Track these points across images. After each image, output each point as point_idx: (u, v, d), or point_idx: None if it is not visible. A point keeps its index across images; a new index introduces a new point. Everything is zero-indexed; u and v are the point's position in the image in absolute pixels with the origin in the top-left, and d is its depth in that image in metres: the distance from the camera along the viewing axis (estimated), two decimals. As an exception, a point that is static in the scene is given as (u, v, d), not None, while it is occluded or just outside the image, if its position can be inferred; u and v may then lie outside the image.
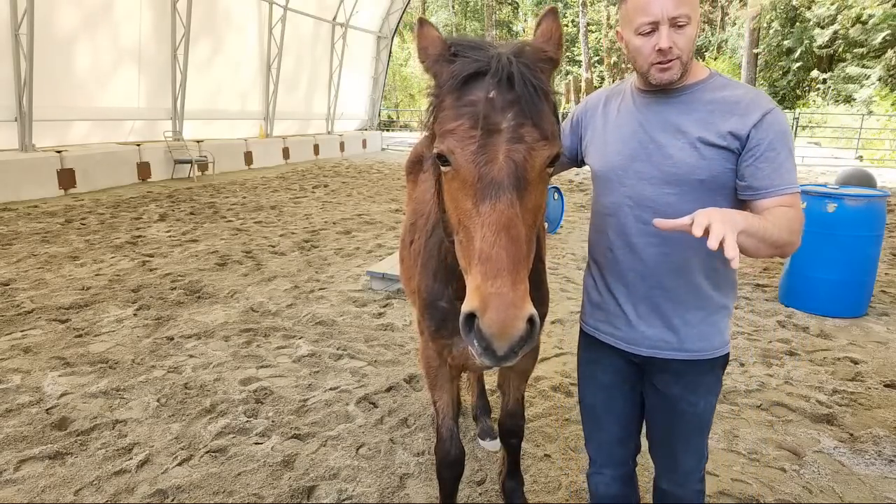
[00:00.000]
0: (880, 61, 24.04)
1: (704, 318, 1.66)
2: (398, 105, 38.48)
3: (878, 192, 4.90)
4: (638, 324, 1.70)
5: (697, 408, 1.72)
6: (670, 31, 1.50)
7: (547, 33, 1.41)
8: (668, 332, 1.67)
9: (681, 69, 1.55)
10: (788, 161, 1.52)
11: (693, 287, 1.64)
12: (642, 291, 1.68)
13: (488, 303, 1.15)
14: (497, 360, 1.18)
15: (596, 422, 1.90)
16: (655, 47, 1.51)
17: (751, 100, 1.54)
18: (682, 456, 1.80)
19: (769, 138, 1.50)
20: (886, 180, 13.29)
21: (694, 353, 1.67)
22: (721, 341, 1.69)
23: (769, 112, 1.51)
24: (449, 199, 1.36)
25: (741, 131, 1.51)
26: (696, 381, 1.70)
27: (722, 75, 1.63)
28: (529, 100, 1.25)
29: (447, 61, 1.36)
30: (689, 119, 1.57)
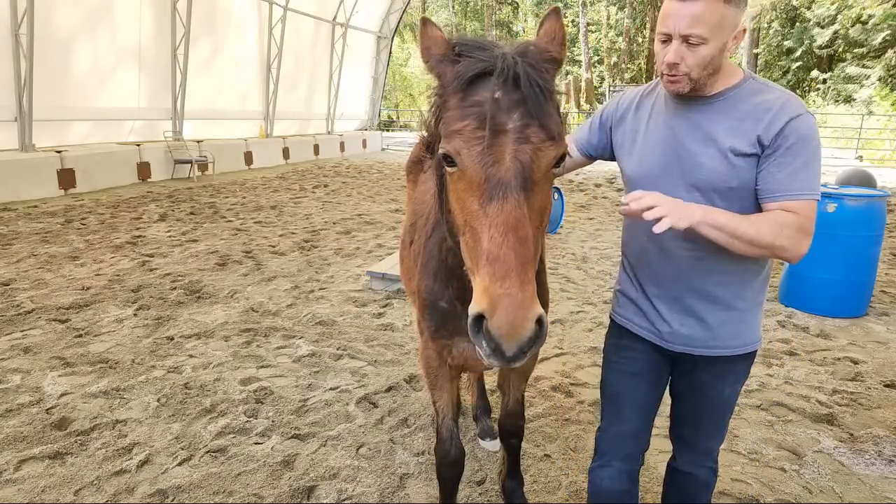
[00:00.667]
0: (880, 61, 24.05)
1: (737, 316, 1.70)
2: (398, 105, 38.48)
3: (878, 192, 4.90)
4: (672, 322, 1.75)
5: (724, 394, 1.80)
6: (681, 47, 1.51)
7: (550, 33, 1.41)
8: (701, 331, 1.72)
9: (689, 85, 1.56)
10: (807, 168, 1.51)
11: (725, 288, 1.68)
12: (675, 292, 1.73)
13: (497, 304, 1.15)
14: (506, 361, 1.18)
15: (617, 411, 1.88)
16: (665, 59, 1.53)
17: (781, 106, 1.53)
18: (703, 436, 1.88)
19: (788, 143, 1.51)
20: (886, 180, 13.28)
21: (726, 349, 1.72)
22: (754, 337, 1.74)
23: (795, 118, 1.51)
24: (455, 200, 1.36)
25: (766, 138, 1.52)
26: (726, 370, 1.77)
27: (757, 78, 1.62)
28: (535, 100, 1.25)
29: (451, 61, 1.35)
30: (720, 128, 1.58)
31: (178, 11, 13.00)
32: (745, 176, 1.56)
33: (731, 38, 1.53)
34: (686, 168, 1.62)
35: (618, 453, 1.87)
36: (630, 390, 1.86)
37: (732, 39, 1.54)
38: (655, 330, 1.79)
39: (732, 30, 1.52)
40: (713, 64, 1.54)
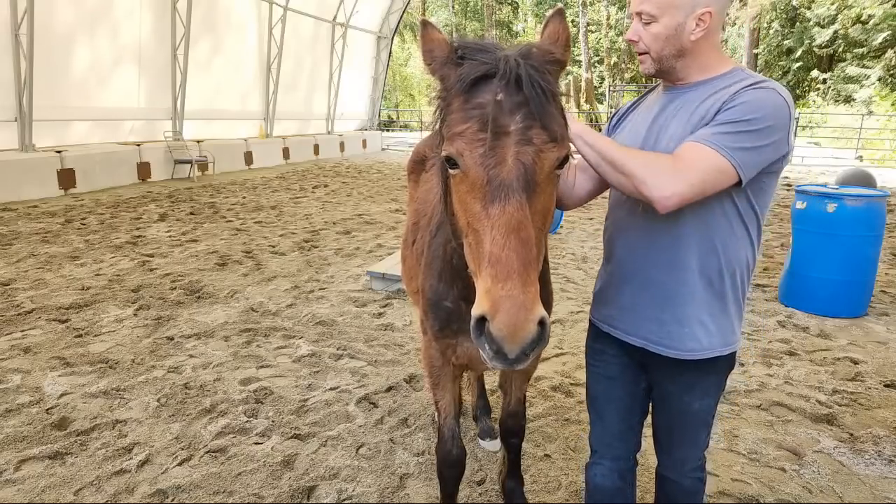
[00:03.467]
0: (880, 61, 24.05)
1: (696, 316, 1.61)
2: (398, 105, 38.48)
3: (878, 192, 4.90)
4: (632, 314, 1.71)
5: (692, 407, 1.72)
6: (638, 25, 1.55)
7: (554, 34, 1.41)
8: (658, 327, 1.65)
9: (654, 64, 1.56)
10: (729, 126, 1.41)
11: (685, 284, 1.60)
12: (637, 283, 1.68)
13: (499, 306, 1.15)
14: (508, 363, 1.18)
15: (598, 413, 1.91)
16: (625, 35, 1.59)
17: (751, 83, 1.47)
18: (676, 447, 1.82)
19: (731, 105, 1.44)
20: (886, 180, 13.28)
21: (683, 352, 1.63)
22: (714, 343, 1.63)
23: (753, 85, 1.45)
24: (457, 202, 1.36)
25: (720, 106, 1.47)
26: (692, 383, 1.69)
27: (745, 70, 1.57)
28: (538, 102, 1.25)
29: (454, 64, 1.35)
30: (690, 115, 1.56)
31: (178, 11, 13.00)
32: None
33: (693, 18, 1.49)
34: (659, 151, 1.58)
35: (606, 453, 1.90)
36: (607, 394, 1.87)
37: (696, 21, 1.49)
38: (617, 323, 1.75)
39: (689, 10, 1.48)
40: (671, 44, 1.52)
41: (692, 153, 1.42)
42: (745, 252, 1.61)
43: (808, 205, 4.86)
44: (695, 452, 1.81)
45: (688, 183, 1.40)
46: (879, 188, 7.88)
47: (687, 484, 1.82)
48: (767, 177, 1.54)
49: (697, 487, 1.84)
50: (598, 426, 1.92)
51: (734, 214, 1.56)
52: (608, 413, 1.88)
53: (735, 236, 1.58)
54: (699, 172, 1.40)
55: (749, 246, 1.62)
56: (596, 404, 1.91)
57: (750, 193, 1.55)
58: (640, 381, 1.82)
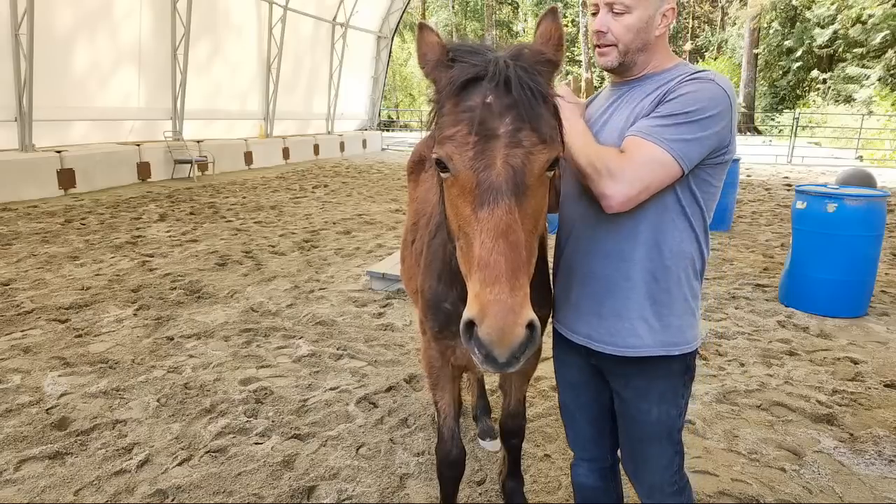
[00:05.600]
0: (880, 61, 24.07)
1: (638, 311, 1.58)
2: (398, 105, 38.49)
3: (878, 192, 4.90)
4: (575, 309, 1.69)
5: (650, 416, 1.64)
6: (607, 16, 1.53)
7: (546, 35, 1.40)
8: (599, 321, 1.63)
9: (619, 58, 1.56)
10: (669, 119, 1.42)
11: (625, 277, 1.58)
12: (578, 277, 1.67)
13: (487, 310, 1.15)
14: (499, 367, 1.17)
15: (569, 418, 1.91)
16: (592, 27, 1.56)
17: (689, 73, 1.49)
18: (641, 468, 1.73)
19: (670, 97, 1.45)
20: (886, 180, 13.28)
21: (623, 348, 1.60)
22: (658, 341, 1.58)
23: (693, 79, 1.46)
24: (449, 206, 1.36)
25: (659, 97, 1.48)
26: (647, 387, 1.64)
27: (688, 65, 1.60)
28: (527, 103, 1.25)
29: (446, 67, 1.35)
30: (633, 105, 1.56)
31: (177, 11, 13.00)
32: None
33: (659, 14, 1.52)
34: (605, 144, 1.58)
35: (584, 454, 1.92)
36: (573, 400, 1.87)
37: (661, 16, 1.53)
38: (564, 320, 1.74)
39: (658, 5, 1.51)
40: (640, 37, 1.53)
41: (632, 148, 1.43)
42: (688, 246, 1.58)
43: (809, 205, 4.86)
44: (665, 475, 1.70)
45: (627, 180, 1.41)
46: (879, 188, 7.88)
47: None
48: (712, 168, 1.54)
49: None
50: (571, 431, 1.93)
51: (676, 207, 1.55)
52: (578, 419, 1.88)
53: (677, 229, 1.56)
54: (640, 168, 1.42)
55: (693, 240, 1.58)
56: (566, 411, 1.92)
57: (693, 185, 1.53)
58: (603, 389, 1.78)
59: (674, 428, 1.69)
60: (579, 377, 1.81)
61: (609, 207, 1.44)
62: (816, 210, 4.78)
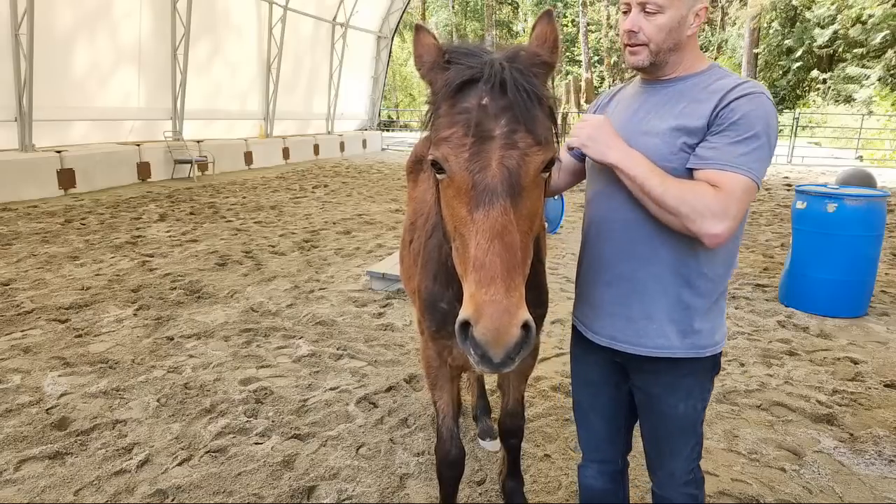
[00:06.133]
0: (880, 61, 24.07)
1: (668, 314, 1.58)
2: (398, 105, 38.50)
3: (878, 192, 4.90)
4: (601, 311, 1.69)
5: (677, 410, 1.67)
6: (639, 16, 1.53)
7: (542, 37, 1.41)
8: (626, 324, 1.63)
9: (650, 57, 1.55)
10: (745, 145, 1.43)
11: (657, 280, 1.58)
12: (607, 278, 1.66)
13: (482, 311, 1.15)
14: (494, 368, 1.17)
15: (583, 417, 1.90)
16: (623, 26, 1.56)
17: (736, 85, 1.48)
18: (665, 458, 1.76)
19: (734, 118, 1.44)
20: (886, 180, 13.28)
21: (652, 350, 1.60)
22: (687, 343, 1.60)
23: (747, 95, 1.45)
24: (445, 207, 1.37)
25: (714, 113, 1.47)
26: (675, 384, 1.65)
27: (722, 68, 1.60)
28: (522, 105, 1.25)
29: (442, 69, 1.36)
30: (672, 109, 1.55)
31: (177, 11, 13.00)
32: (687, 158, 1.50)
33: (692, 13, 1.52)
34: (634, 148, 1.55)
35: (594, 456, 1.90)
36: (590, 399, 1.86)
37: (693, 16, 1.52)
38: (588, 322, 1.73)
39: (691, 4, 1.51)
40: (672, 37, 1.52)
41: (731, 186, 1.41)
42: (723, 248, 1.58)
43: (809, 205, 4.86)
44: (685, 464, 1.75)
45: (732, 216, 1.41)
46: (879, 188, 7.88)
47: (679, 500, 1.77)
48: None
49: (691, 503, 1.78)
50: (584, 431, 1.92)
51: None
52: (593, 418, 1.87)
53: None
54: (739, 203, 1.42)
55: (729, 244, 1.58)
56: (580, 410, 1.90)
57: None
58: (622, 387, 1.79)
59: (697, 420, 1.73)
60: (598, 375, 1.80)
61: (717, 244, 1.45)
62: (816, 210, 4.78)
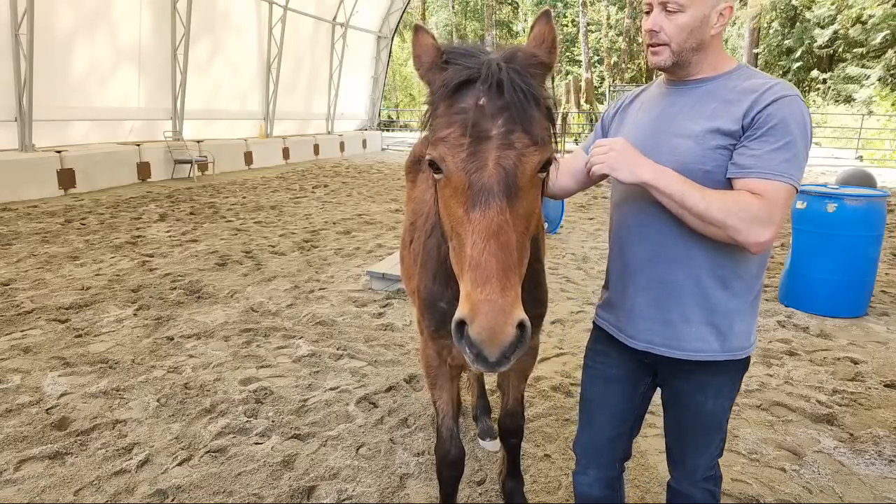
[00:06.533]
0: (880, 61, 24.06)
1: (706, 317, 1.59)
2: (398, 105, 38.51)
3: (878, 192, 4.90)
4: (634, 315, 1.68)
5: (706, 407, 1.68)
6: (660, 15, 1.52)
7: (539, 37, 1.41)
8: (663, 327, 1.62)
9: (672, 57, 1.55)
10: (785, 150, 1.42)
11: (694, 283, 1.58)
12: (642, 282, 1.65)
13: (477, 310, 1.16)
14: (490, 367, 1.18)
15: (589, 417, 1.89)
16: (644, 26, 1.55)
17: (769, 87, 1.46)
18: (689, 454, 1.77)
19: (771, 123, 1.43)
20: (886, 180, 13.29)
21: (690, 353, 1.61)
22: (726, 346, 1.60)
23: (782, 98, 1.44)
24: (442, 206, 1.37)
25: (749, 116, 1.46)
26: (707, 382, 1.67)
27: (749, 68, 1.59)
28: (519, 105, 1.26)
29: (440, 69, 1.36)
30: (704, 109, 1.54)
31: (177, 11, 13.00)
32: (721, 159, 1.49)
33: (716, 12, 1.51)
34: (664, 150, 1.56)
35: (592, 461, 1.88)
36: (602, 397, 1.84)
37: (718, 15, 1.51)
38: (620, 325, 1.72)
39: (715, 2, 1.50)
40: (694, 36, 1.52)
41: (774, 194, 1.41)
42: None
43: (809, 205, 4.86)
44: (707, 460, 1.76)
45: (777, 223, 1.43)
46: (879, 188, 7.88)
47: (698, 496, 1.78)
48: None
49: (709, 500, 1.79)
50: (587, 432, 1.89)
51: None
52: (600, 418, 1.85)
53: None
54: (782, 209, 1.43)
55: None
56: (590, 408, 1.88)
57: None
58: (639, 385, 1.79)
59: (724, 418, 1.74)
60: (618, 371, 1.79)
61: (763, 250, 1.47)
62: (816, 210, 4.78)
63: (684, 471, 1.80)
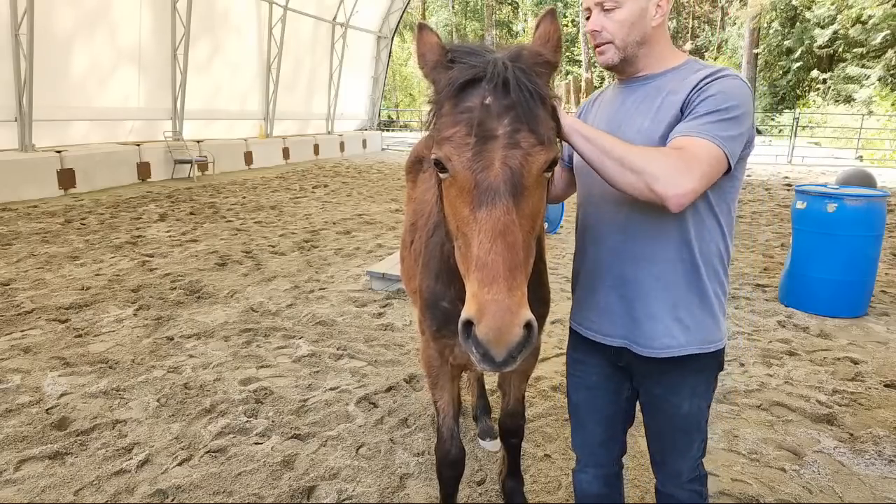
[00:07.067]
0: (880, 61, 24.08)
1: (670, 312, 1.59)
2: (398, 105, 38.51)
3: (878, 192, 4.90)
4: (606, 314, 1.68)
5: (681, 410, 1.67)
6: (599, 16, 1.55)
7: (545, 36, 1.40)
8: (630, 324, 1.63)
9: (618, 53, 1.56)
10: (714, 115, 1.41)
11: (657, 279, 1.58)
12: (608, 281, 1.66)
13: (484, 310, 1.16)
14: (496, 367, 1.18)
15: (579, 421, 1.89)
16: (585, 28, 1.59)
17: (711, 73, 1.48)
18: (670, 457, 1.77)
19: (704, 96, 1.44)
20: (886, 180, 13.28)
21: (658, 350, 1.61)
22: (692, 340, 1.60)
23: (716, 75, 1.46)
24: (447, 206, 1.37)
25: (687, 99, 1.47)
26: (678, 383, 1.66)
27: (699, 61, 1.60)
28: (525, 105, 1.25)
29: (445, 68, 1.35)
30: (651, 105, 1.55)
31: (177, 11, 13.00)
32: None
33: (653, 4, 1.53)
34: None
35: (589, 460, 1.89)
36: (588, 403, 1.85)
37: (655, 7, 1.53)
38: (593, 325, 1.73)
39: None
40: (636, 30, 1.53)
41: (696, 147, 1.38)
42: (717, 242, 1.60)
43: (809, 205, 4.86)
44: (690, 462, 1.76)
45: (698, 176, 1.36)
46: (879, 188, 7.88)
47: (685, 497, 1.77)
48: (739, 163, 1.53)
49: (696, 500, 1.78)
50: (580, 435, 1.90)
51: (704, 204, 1.55)
52: (590, 422, 1.86)
53: (706, 227, 1.57)
54: (704, 165, 1.37)
55: (720, 236, 1.60)
56: (578, 413, 1.89)
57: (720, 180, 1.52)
58: (622, 391, 1.79)
59: (702, 419, 1.73)
60: (597, 379, 1.79)
61: (679, 206, 1.37)
62: (816, 210, 4.78)
63: (668, 474, 1.80)
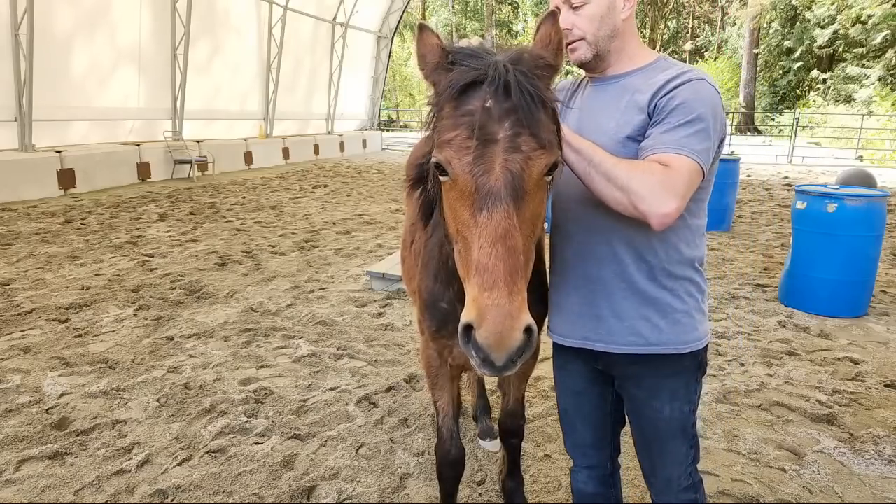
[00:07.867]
0: (880, 61, 24.09)
1: (636, 310, 1.58)
2: (398, 105, 38.51)
3: (878, 192, 4.90)
4: (570, 314, 1.68)
5: (663, 414, 1.65)
6: (568, 14, 1.54)
7: (546, 38, 1.39)
8: (596, 323, 1.62)
9: (590, 49, 1.56)
10: (688, 127, 1.41)
11: (620, 278, 1.58)
12: (573, 282, 1.66)
13: (485, 314, 1.15)
14: (496, 371, 1.18)
15: (569, 425, 1.89)
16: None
17: (678, 74, 1.47)
18: (658, 465, 1.74)
19: (674, 104, 1.43)
20: (886, 180, 13.28)
21: (623, 346, 1.60)
22: (664, 339, 1.58)
23: (686, 82, 1.45)
24: (447, 209, 1.36)
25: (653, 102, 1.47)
26: (657, 386, 1.64)
27: (669, 60, 1.59)
28: (526, 108, 1.24)
29: (445, 69, 1.34)
30: (618, 104, 1.55)
31: (177, 11, 13.00)
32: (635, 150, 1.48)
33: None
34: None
35: (583, 461, 1.90)
36: (576, 407, 1.84)
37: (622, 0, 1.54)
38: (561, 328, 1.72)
39: None
40: (606, 24, 1.53)
41: (678, 165, 1.37)
42: (685, 241, 1.58)
43: (809, 205, 4.86)
44: (680, 469, 1.72)
45: (680, 196, 1.37)
46: (879, 188, 7.88)
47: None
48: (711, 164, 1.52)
49: None
50: (571, 438, 1.90)
51: None
52: (579, 426, 1.86)
53: (674, 228, 1.54)
54: (686, 184, 1.38)
55: (692, 236, 1.59)
56: (567, 418, 1.89)
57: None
58: (607, 395, 1.78)
59: (687, 423, 1.69)
60: (581, 384, 1.79)
61: (662, 225, 1.38)
62: (816, 210, 4.78)
63: (660, 483, 1.76)
